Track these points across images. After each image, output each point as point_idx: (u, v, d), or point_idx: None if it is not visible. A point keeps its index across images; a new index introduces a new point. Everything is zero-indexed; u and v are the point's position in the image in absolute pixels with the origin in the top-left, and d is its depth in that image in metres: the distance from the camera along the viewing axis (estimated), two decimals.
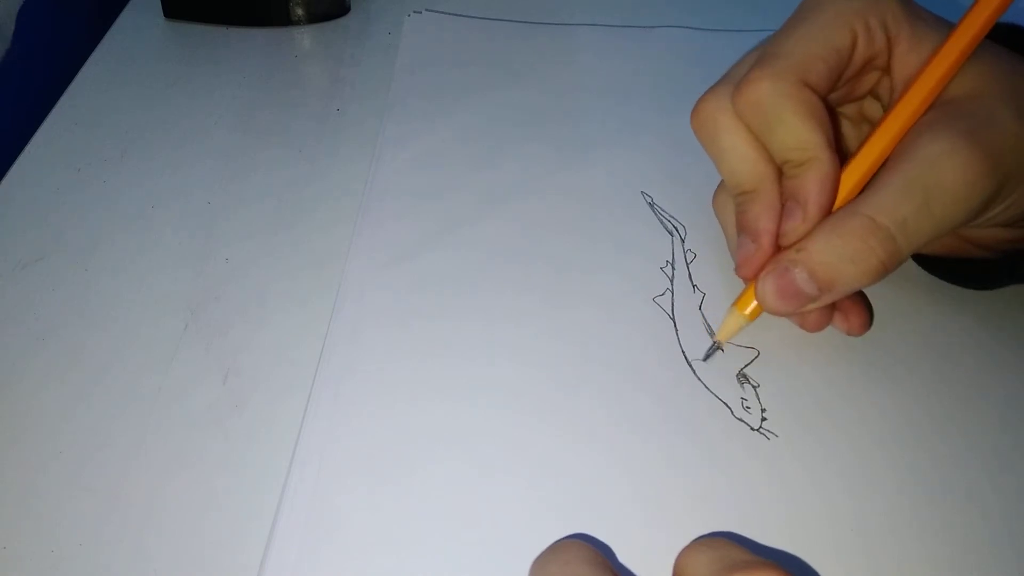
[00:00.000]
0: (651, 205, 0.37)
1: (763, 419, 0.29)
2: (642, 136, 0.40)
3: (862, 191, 0.28)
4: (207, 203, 0.37)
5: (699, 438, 0.28)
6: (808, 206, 0.28)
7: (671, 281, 0.33)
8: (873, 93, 0.31)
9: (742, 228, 0.30)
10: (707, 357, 0.30)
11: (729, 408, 0.29)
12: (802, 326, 0.31)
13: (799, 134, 0.28)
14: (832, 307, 0.30)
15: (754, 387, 0.30)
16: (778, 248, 0.29)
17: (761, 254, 0.29)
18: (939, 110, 0.28)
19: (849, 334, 0.31)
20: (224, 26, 0.48)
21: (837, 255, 0.27)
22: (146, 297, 0.33)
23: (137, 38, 0.47)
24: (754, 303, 0.29)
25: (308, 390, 0.30)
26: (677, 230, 0.36)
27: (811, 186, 0.28)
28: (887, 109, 0.29)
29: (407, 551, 0.25)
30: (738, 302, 0.30)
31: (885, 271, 0.27)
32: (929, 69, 0.28)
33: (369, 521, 0.26)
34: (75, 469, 0.28)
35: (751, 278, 0.30)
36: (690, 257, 0.34)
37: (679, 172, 0.38)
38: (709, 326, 0.32)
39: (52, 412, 0.29)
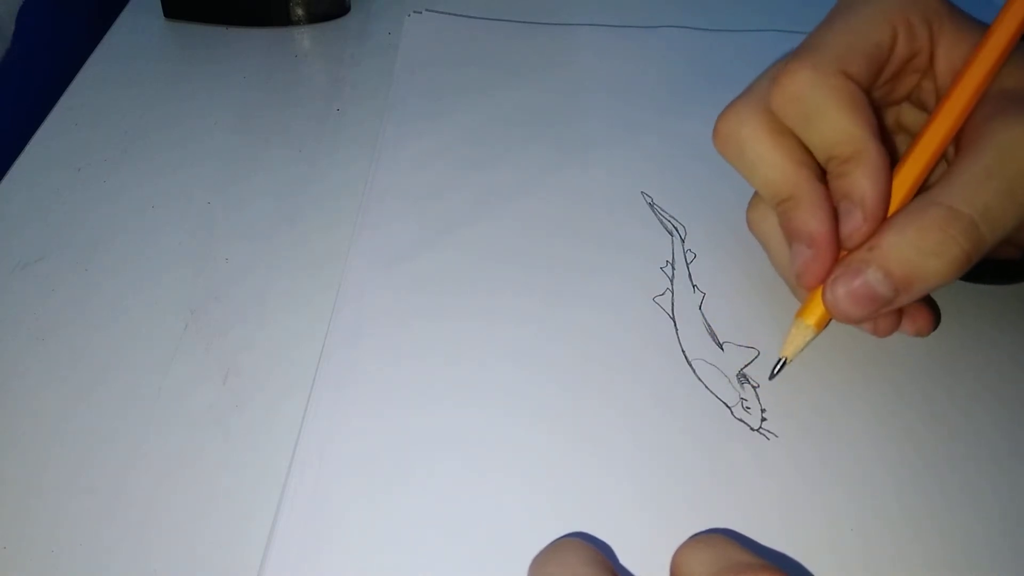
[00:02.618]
0: (651, 205, 0.37)
1: (763, 419, 0.29)
2: (642, 136, 0.40)
3: (924, 187, 0.27)
4: (207, 203, 0.37)
5: (699, 438, 0.28)
6: (866, 203, 0.26)
7: (671, 281, 0.33)
8: (912, 98, 0.30)
9: (792, 235, 0.28)
10: (774, 375, 0.29)
11: (729, 408, 0.29)
12: (873, 332, 0.29)
13: (844, 126, 0.26)
14: (900, 309, 0.28)
15: (754, 387, 0.30)
16: (838, 253, 0.27)
17: (821, 258, 0.27)
18: (999, 100, 0.27)
19: (917, 335, 0.29)
20: (224, 26, 0.48)
21: (916, 249, 0.25)
22: (146, 297, 0.33)
23: (137, 38, 0.47)
24: (821, 311, 0.28)
25: (308, 390, 0.30)
26: (677, 230, 0.36)
27: (864, 182, 0.26)
28: (937, 104, 0.28)
29: (407, 551, 0.25)
30: (803, 312, 0.28)
31: (969, 262, 0.25)
32: (979, 59, 0.27)
33: (369, 521, 0.26)
34: (75, 469, 0.28)
35: (814, 286, 0.28)
36: (690, 257, 0.34)
37: (679, 172, 0.38)
38: (709, 326, 0.32)
39: (52, 412, 0.29)
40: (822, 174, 0.28)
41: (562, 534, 0.26)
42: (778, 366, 0.29)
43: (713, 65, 0.45)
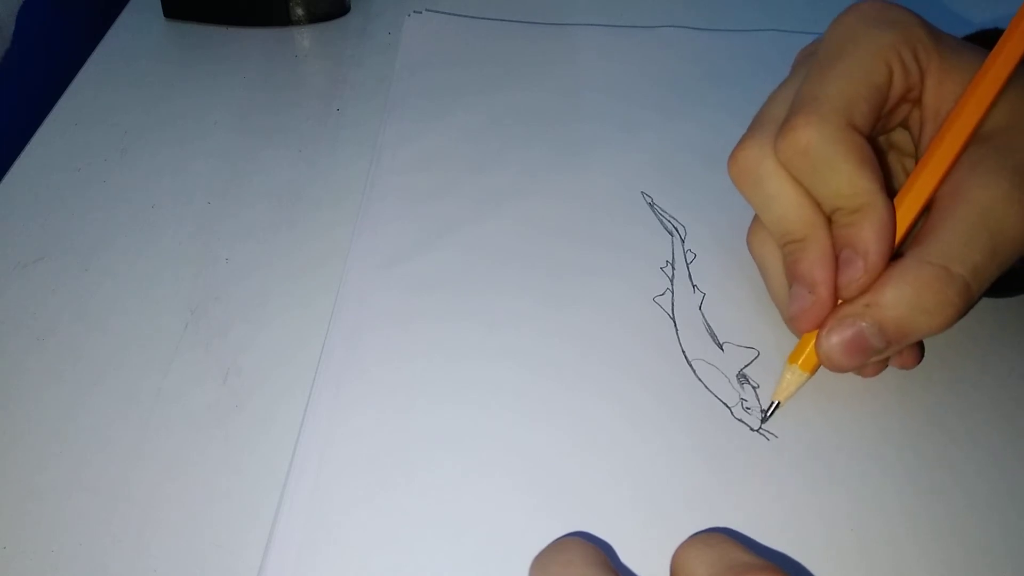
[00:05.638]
0: (651, 205, 0.37)
1: (763, 420, 0.29)
2: (642, 136, 0.40)
3: (914, 235, 0.27)
4: (207, 203, 0.37)
5: (699, 438, 0.28)
6: (869, 256, 0.26)
7: (671, 281, 0.33)
8: (903, 124, 0.31)
9: (795, 278, 0.28)
10: (766, 418, 0.29)
11: (729, 408, 0.29)
12: (860, 374, 0.30)
13: (852, 180, 0.27)
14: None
15: (754, 387, 0.30)
16: (836, 302, 0.28)
17: (819, 306, 0.27)
18: (983, 146, 0.27)
19: (903, 368, 0.30)
20: (224, 26, 0.48)
21: (913, 308, 0.26)
22: (146, 297, 0.33)
23: (137, 38, 0.47)
24: (815, 358, 0.28)
25: (308, 390, 0.30)
26: (677, 230, 0.36)
27: (869, 235, 0.26)
28: (927, 147, 0.28)
29: (407, 551, 0.25)
30: (796, 358, 0.28)
31: (960, 318, 0.26)
32: (968, 108, 0.27)
33: (369, 521, 0.26)
34: (75, 469, 0.28)
35: (807, 331, 0.28)
36: (690, 257, 0.34)
37: (679, 172, 0.38)
38: (709, 326, 0.32)
39: (52, 412, 0.29)
40: (828, 220, 0.28)
41: (562, 534, 0.26)
42: (771, 410, 0.29)
43: (713, 65, 0.45)
